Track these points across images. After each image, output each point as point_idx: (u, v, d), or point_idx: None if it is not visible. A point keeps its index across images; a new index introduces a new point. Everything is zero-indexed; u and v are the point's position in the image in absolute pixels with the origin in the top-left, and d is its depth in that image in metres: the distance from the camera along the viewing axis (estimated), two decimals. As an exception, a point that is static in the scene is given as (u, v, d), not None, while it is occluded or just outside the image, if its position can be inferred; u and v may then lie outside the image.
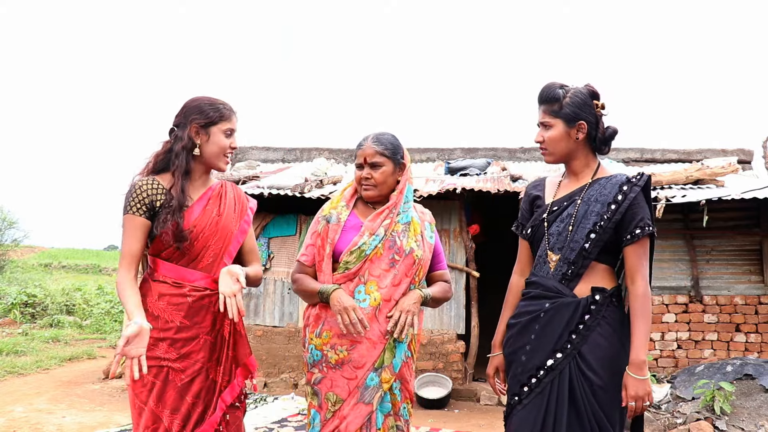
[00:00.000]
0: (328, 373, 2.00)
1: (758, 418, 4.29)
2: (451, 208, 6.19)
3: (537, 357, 1.84)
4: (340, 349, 1.99)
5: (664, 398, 4.88)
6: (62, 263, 20.57)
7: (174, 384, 1.93)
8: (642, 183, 1.86)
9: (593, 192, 1.90)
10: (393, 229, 2.07)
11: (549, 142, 1.94)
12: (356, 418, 1.94)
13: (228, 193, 2.11)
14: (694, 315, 5.96)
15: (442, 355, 5.96)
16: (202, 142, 2.02)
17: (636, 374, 1.74)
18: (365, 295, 2.01)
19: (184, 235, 1.94)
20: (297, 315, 6.30)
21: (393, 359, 2.01)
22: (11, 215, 16.14)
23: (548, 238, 1.92)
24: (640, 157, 7.59)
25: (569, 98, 1.91)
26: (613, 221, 1.83)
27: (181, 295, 1.96)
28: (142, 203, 1.95)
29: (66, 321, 10.41)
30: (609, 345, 1.81)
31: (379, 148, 2.09)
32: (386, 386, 1.99)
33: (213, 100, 2.07)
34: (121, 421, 4.75)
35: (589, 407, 1.77)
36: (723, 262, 6.06)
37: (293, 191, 5.97)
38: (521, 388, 1.86)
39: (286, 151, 8.33)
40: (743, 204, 5.64)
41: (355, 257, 2.03)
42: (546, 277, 1.91)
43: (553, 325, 1.84)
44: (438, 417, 5.14)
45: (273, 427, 4.56)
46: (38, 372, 6.83)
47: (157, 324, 1.92)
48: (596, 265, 1.87)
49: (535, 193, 2.05)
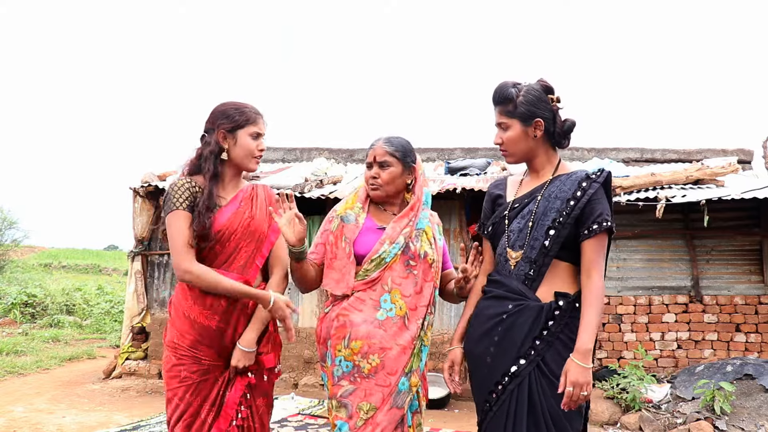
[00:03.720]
0: (361, 384, 1.96)
1: (758, 418, 4.30)
2: (451, 208, 6.19)
3: (501, 362, 1.84)
4: (373, 357, 1.97)
5: (664, 398, 4.89)
6: (62, 263, 20.56)
7: (212, 379, 2.02)
8: (601, 179, 1.85)
9: (553, 188, 1.89)
10: (410, 238, 2.08)
11: (508, 143, 1.93)
12: (390, 424, 1.95)
13: (259, 195, 2.16)
14: (694, 315, 5.96)
15: (442, 355, 5.96)
16: (230, 146, 2.07)
17: (580, 361, 1.72)
18: (391, 304, 2.01)
19: (209, 235, 1.99)
20: (297, 315, 6.30)
21: (420, 363, 2.03)
22: (11, 215, 16.12)
23: (508, 236, 1.92)
24: (640, 157, 7.58)
25: (522, 97, 1.89)
26: (572, 217, 1.82)
27: (215, 298, 2.01)
28: (185, 199, 2.01)
29: (66, 321, 10.41)
30: (570, 352, 1.79)
31: (390, 148, 2.10)
32: (414, 389, 2.02)
33: (239, 104, 2.11)
34: (121, 421, 4.75)
35: (548, 410, 1.77)
36: (723, 262, 6.06)
37: (293, 191, 5.97)
38: (490, 395, 1.85)
39: (286, 151, 8.33)
40: (743, 204, 5.63)
41: (375, 265, 2.02)
42: (508, 277, 1.90)
43: (516, 329, 1.83)
44: (438, 417, 5.14)
45: (273, 427, 4.56)
46: (38, 372, 6.83)
47: (193, 331, 2.00)
48: (558, 264, 1.86)
49: (497, 192, 2.05)
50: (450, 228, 6.17)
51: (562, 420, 1.77)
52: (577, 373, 1.71)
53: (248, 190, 2.15)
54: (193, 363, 1.99)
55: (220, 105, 2.12)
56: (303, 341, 6.24)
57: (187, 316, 2.01)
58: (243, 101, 2.14)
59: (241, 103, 2.12)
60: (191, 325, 2.00)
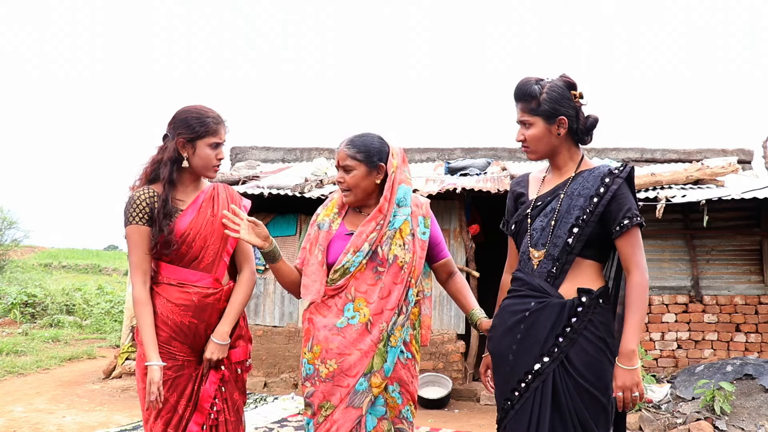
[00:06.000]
0: (319, 387, 1.99)
1: (758, 418, 4.29)
2: (451, 208, 6.19)
3: (524, 360, 1.82)
4: (330, 362, 1.98)
5: (664, 398, 4.88)
6: (62, 263, 20.57)
7: (187, 375, 2.05)
8: (624, 174, 1.83)
9: (576, 186, 1.87)
10: (379, 243, 2.03)
11: (530, 140, 1.90)
12: (346, 422, 1.95)
13: (221, 194, 2.17)
14: (694, 315, 5.97)
15: (442, 355, 5.96)
16: (189, 154, 2.07)
17: (625, 365, 1.72)
18: (354, 312, 2.00)
19: (170, 241, 2.02)
20: (297, 315, 6.30)
21: (384, 364, 1.99)
22: (11, 215, 16.12)
23: (531, 234, 1.90)
24: (640, 157, 7.58)
25: (546, 94, 1.85)
26: (595, 214, 1.80)
27: (186, 296, 2.04)
28: (143, 212, 2.02)
29: (66, 321, 10.40)
30: (596, 349, 1.79)
31: (350, 151, 2.03)
32: (376, 390, 1.98)
33: (201, 112, 2.08)
34: (121, 421, 4.75)
35: (574, 408, 1.76)
36: (723, 262, 6.06)
37: (293, 191, 5.97)
38: (512, 393, 1.84)
39: (286, 151, 8.33)
40: (743, 204, 5.64)
41: (340, 274, 2.02)
42: (530, 275, 1.88)
43: (539, 326, 1.81)
44: (438, 417, 5.14)
45: (273, 427, 4.56)
46: (38, 372, 6.83)
47: (167, 327, 2.03)
48: (582, 262, 1.84)
49: (519, 190, 2.03)
50: (450, 228, 6.17)
51: (589, 421, 1.76)
52: (624, 378, 1.72)
53: (209, 191, 2.16)
54: (168, 359, 2.01)
55: (182, 110, 2.10)
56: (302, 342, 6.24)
57: (160, 313, 2.03)
58: (206, 106, 2.11)
59: (203, 109, 2.09)
60: (164, 322, 2.02)
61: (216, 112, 2.11)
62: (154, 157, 2.11)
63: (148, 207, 2.03)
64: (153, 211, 2.03)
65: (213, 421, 2.05)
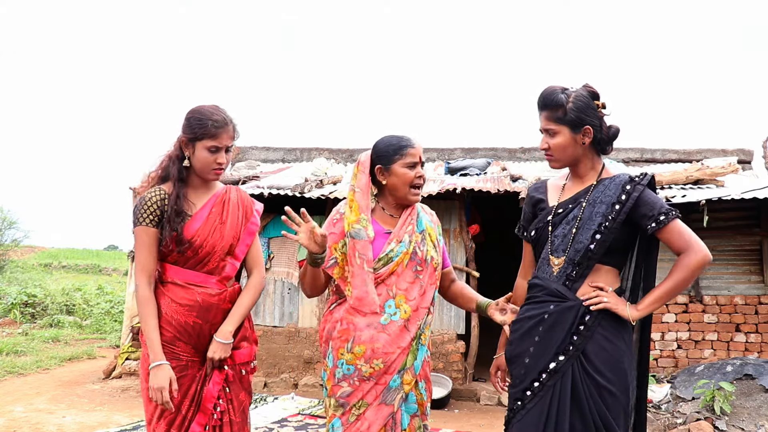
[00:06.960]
0: (360, 386, 2.00)
1: (758, 418, 4.29)
2: (451, 208, 6.19)
3: (540, 360, 1.83)
4: (377, 362, 1.98)
5: (664, 398, 4.88)
6: (62, 263, 20.56)
7: (190, 375, 2.04)
8: (645, 182, 1.85)
9: (597, 193, 1.89)
10: (414, 239, 2.08)
11: (555, 149, 1.90)
12: (378, 419, 1.97)
13: (231, 198, 2.16)
14: (694, 315, 5.96)
15: (442, 355, 5.96)
16: (190, 154, 2.07)
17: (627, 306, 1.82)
18: (395, 308, 2.03)
19: (183, 240, 2.01)
20: (297, 315, 6.30)
21: (414, 361, 2.03)
22: (11, 215, 16.13)
23: (552, 241, 1.91)
24: (640, 157, 7.58)
25: (572, 103, 1.87)
26: (617, 221, 1.82)
27: (191, 297, 2.04)
28: (153, 214, 2.02)
29: (66, 321, 10.39)
30: (613, 347, 1.80)
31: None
32: (407, 387, 2.02)
33: (204, 114, 2.05)
34: (121, 421, 4.75)
35: (595, 408, 1.76)
36: (723, 262, 6.05)
37: (293, 191, 5.97)
38: (524, 393, 1.84)
39: (286, 151, 8.33)
40: (743, 204, 5.63)
41: (382, 264, 2.03)
42: (549, 280, 1.90)
43: (557, 328, 1.83)
44: (438, 417, 5.14)
45: (273, 427, 4.56)
46: (38, 372, 6.82)
47: (171, 327, 2.02)
48: (600, 267, 1.87)
49: (538, 196, 2.03)
50: (450, 228, 6.17)
51: (611, 422, 1.77)
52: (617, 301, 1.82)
53: (220, 194, 2.14)
54: (172, 359, 2.01)
55: (192, 109, 2.09)
56: (303, 341, 6.24)
57: (165, 313, 2.03)
58: (215, 108, 2.08)
59: (209, 111, 2.06)
60: (169, 322, 2.02)
61: (222, 116, 2.06)
62: (169, 152, 2.12)
63: (159, 209, 2.02)
64: (163, 213, 2.02)
65: (216, 422, 2.04)
